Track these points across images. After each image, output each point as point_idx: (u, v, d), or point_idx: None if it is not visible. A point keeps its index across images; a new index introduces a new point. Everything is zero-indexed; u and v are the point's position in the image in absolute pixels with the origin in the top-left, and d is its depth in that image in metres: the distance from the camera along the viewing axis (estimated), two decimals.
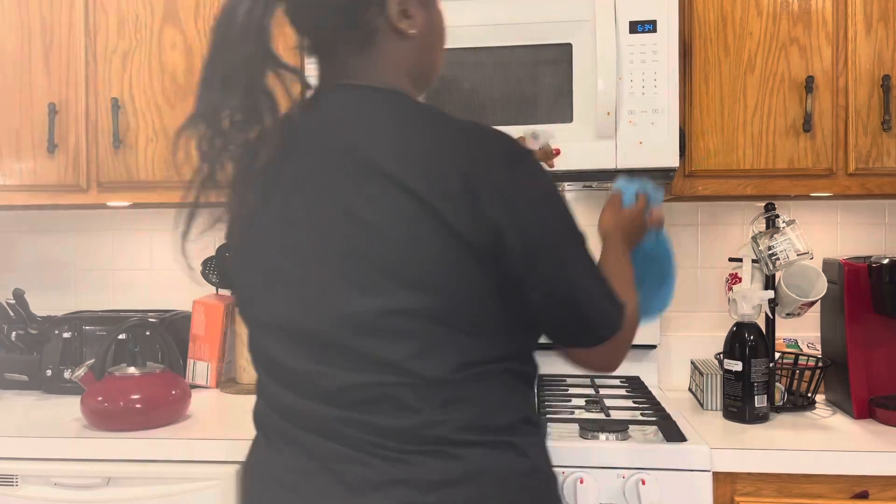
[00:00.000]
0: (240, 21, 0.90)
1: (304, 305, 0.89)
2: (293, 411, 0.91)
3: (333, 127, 0.91)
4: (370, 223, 0.85)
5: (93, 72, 1.83)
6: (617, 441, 1.42)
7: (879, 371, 1.63)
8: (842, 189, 1.65)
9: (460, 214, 0.84)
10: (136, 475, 1.48)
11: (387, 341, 0.86)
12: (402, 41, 0.96)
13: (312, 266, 0.89)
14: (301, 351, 0.90)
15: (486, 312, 0.88)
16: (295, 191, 0.92)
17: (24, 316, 1.96)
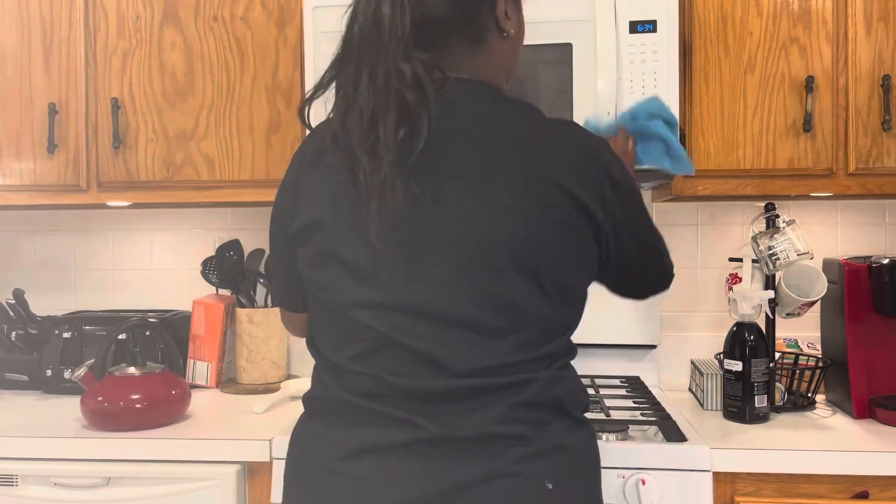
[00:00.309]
0: (387, 26, 0.92)
1: (453, 292, 0.93)
2: (406, 391, 0.94)
3: (465, 120, 0.97)
4: (513, 210, 0.93)
5: (93, 72, 1.83)
6: (617, 441, 1.42)
7: (880, 371, 1.63)
8: (842, 189, 1.65)
9: (595, 205, 0.97)
10: (136, 475, 1.48)
11: (535, 328, 0.96)
12: (503, 40, 1.05)
13: (451, 251, 0.93)
14: (434, 332, 0.94)
15: (582, 300, 1.04)
16: (430, 177, 0.94)
17: (24, 316, 1.96)
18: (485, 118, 0.98)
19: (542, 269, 0.94)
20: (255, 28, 1.79)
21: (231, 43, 1.79)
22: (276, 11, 1.78)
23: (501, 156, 0.95)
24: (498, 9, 1.02)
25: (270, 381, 1.96)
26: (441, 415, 0.93)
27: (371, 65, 0.92)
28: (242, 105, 1.79)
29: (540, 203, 0.93)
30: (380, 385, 0.95)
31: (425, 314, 0.93)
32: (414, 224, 0.93)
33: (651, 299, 1.86)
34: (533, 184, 0.94)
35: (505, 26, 1.03)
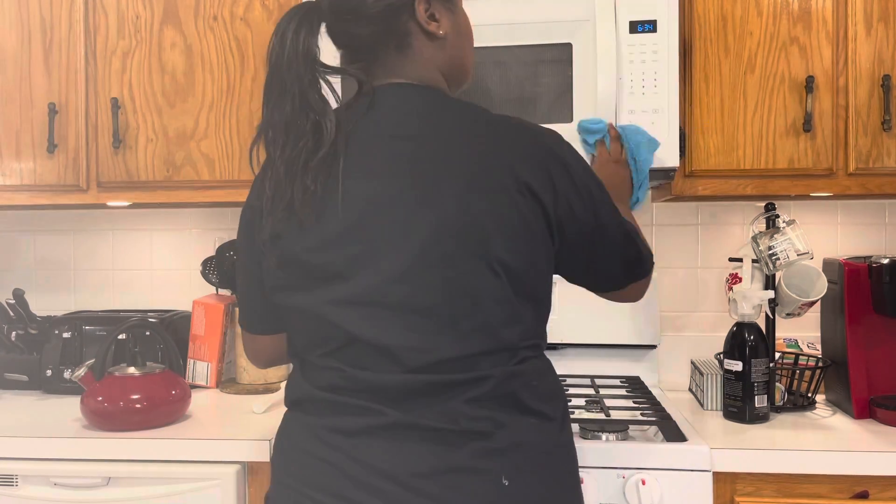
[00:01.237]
0: (288, 45, 1.00)
1: (409, 281, 0.97)
2: (368, 385, 0.98)
3: (399, 119, 1.02)
4: (456, 196, 0.96)
5: (93, 72, 1.83)
6: (617, 441, 1.42)
7: (879, 371, 1.63)
8: (842, 189, 1.65)
9: (543, 188, 1.00)
10: (136, 475, 1.48)
11: (489, 312, 0.98)
12: (432, 42, 1.08)
13: (409, 243, 0.96)
14: (395, 323, 0.97)
15: (546, 288, 1.06)
16: (376, 176, 0.99)
17: (24, 316, 1.96)
18: (418, 117, 1.02)
19: (490, 252, 0.97)
20: (255, 28, 1.79)
21: (231, 43, 1.79)
22: (277, 11, 1.78)
23: (440, 148, 0.99)
24: (418, 15, 1.05)
25: (270, 381, 1.96)
26: (402, 405, 0.97)
27: (279, 98, 1.00)
28: (242, 105, 1.79)
29: (484, 187, 0.97)
30: (345, 379, 1.00)
31: (387, 305, 0.97)
32: (365, 224, 0.98)
33: (649, 297, 1.89)
34: (475, 170, 0.97)
35: (430, 29, 1.06)
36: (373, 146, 1.00)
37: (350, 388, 0.99)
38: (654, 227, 2.01)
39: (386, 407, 0.97)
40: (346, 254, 0.98)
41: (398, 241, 0.97)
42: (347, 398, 0.99)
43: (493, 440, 0.97)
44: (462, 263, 0.96)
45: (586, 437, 1.44)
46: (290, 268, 1.02)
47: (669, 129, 1.55)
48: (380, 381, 0.98)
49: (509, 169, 0.98)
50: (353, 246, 0.98)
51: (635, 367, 1.94)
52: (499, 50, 1.59)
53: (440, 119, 1.02)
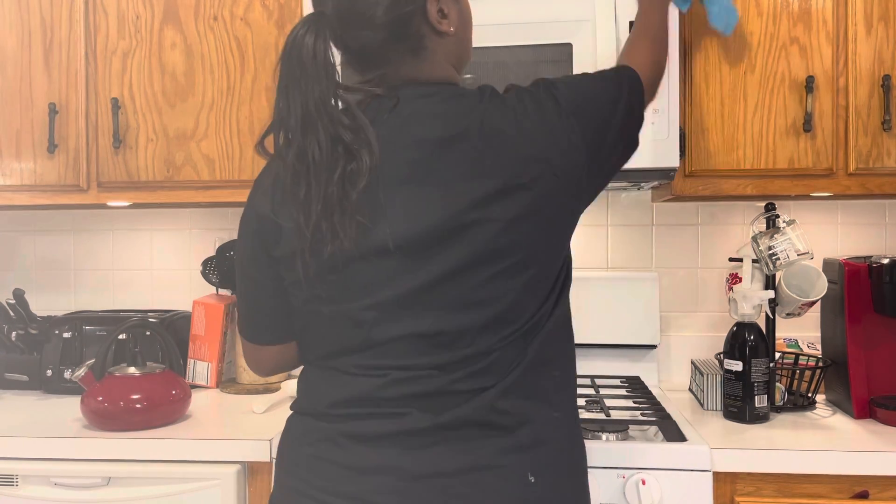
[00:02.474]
0: (308, 61, 0.95)
1: (450, 282, 0.96)
2: (402, 388, 0.97)
3: (424, 123, 0.99)
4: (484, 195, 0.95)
5: (93, 72, 1.83)
6: (617, 441, 1.42)
7: (880, 371, 1.63)
8: (842, 189, 1.65)
9: (572, 176, 1.00)
10: (136, 475, 1.48)
11: (524, 306, 0.99)
12: (444, 39, 1.05)
13: (446, 245, 0.96)
14: (437, 324, 0.97)
15: (568, 268, 1.08)
16: (408, 182, 0.96)
17: (24, 316, 1.96)
18: (442, 118, 0.99)
19: (526, 247, 0.97)
20: (256, 28, 1.79)
21: (231, 43, 1.79)
22: (277, 11, 1.78)
23: (469, 149, 0.96)
24: (429, 14, 1.02)
25: (270, 381, 1.96)
26: (431, 405, 0.96)
27: (302, 101, 0.95)
28: (243, 105, 1.79)
29: (518, 184, 0.96)
30: (371, 384, 0.98)
31: (426, 306, 0.97)
32: (403, 231, 0.96)
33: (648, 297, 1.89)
34: (508, 168, 0.96)
35: (442, 28, 1.04)
36: (401, 152, 0.98)
37: (375, 394, 0.98)
38: (654, 227, 2.02)
39: (415, 409, 0.96)
40: (387, 261, 0.97)
41: (435, 245, 0.96)
42: (374, 406, 0.98)
43: (517, 436, 0.97)
44: (500, 261, 0.96)
45: (586, 437, 1.44)
46: (327, 280, 0.99)
47: (669, 129, 1.56)
48: (409, 383, 0.97)
49: (541, 155, 0.98)
50: (393, 253, 0.96)
51: (635, 367, 1.94)
52: (499, 50, 1.59)
53: (464, 119, 0.99)
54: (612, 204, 2.03)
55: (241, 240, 1.08)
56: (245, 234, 1.07)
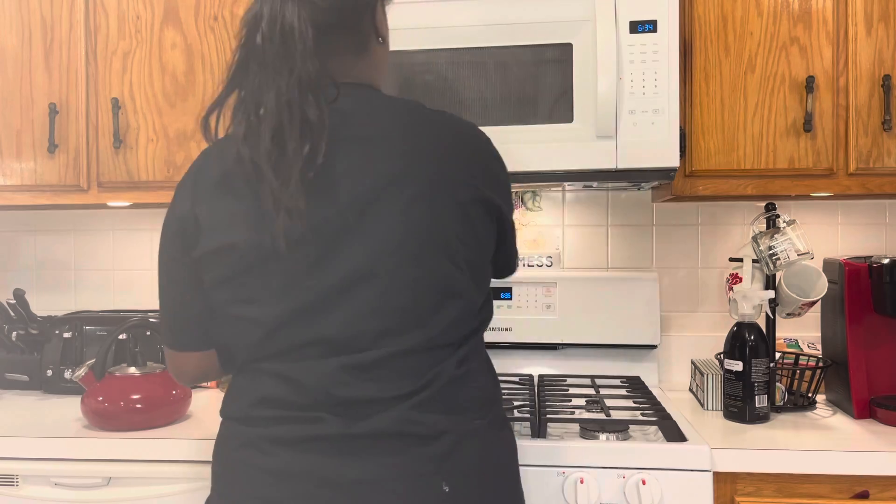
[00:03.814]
0: (296, 37, 0.94)
1: (374, 282, 0.96)
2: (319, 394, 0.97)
3: (361, 121, 0.99)
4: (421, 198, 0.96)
5: (93, 72, 1.83)
6: (617, 441, 1.42)
7: (880, 371, 1.63)
8: (842, 189, 1.65)
9: (494, 193, 1.02)
10: (136, 475, 1.48)
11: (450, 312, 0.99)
12: (380, 46, 1.08)
13: (374, 245, 0.95)
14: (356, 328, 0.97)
15: (488, 283, 1.09)
16: (341, 179, 0.96)
17: (24, 316, 1.96)
18: (377, 119, 1.00)
19: (453, 251, 0.98)
20: None
21: (231, 43, 1.79)
22: None
23: (400, 151, 0.97)
24: (377, 16, 1.05)
25: None
26: (347, 412, 0.96)
27: (278, 78, 0.93)
28: None
29: (446, 189, 0.97)
30: (290, 387, 0.98)
31: (346, 308, 0.96)
32: (328, 227, 0.95)
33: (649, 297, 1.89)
34: (437, 173, 0.97)
35: (382, 32, 1.06)
36: (338, 149, 0.97)
37: (294, 398, 0.97)
38: (655, 227, 2.02)
39: (330, 415, 0.96)
40: (309, 259, 0.96)
41: (364, 244, 0.95)
42: (290, 410, 0.98)
43: (435, 445, 0.96)
44: (427, 263, 0.96)
45: (586, 437, 1.44)
46: (246, 277, 0.98)
47: (669, 129, 1.56)
48: (326, 388, 0.96)
49: (469, 171, 1.00)
50: (316, 250, 0.96)
51: (635, 367, 1.94)
52: (499, 50, 1.59)
53: (396, 121, 1.00)
54: (612, 204, 2.03)
55: (161, 245, 1.07)
56: (165, 237, 1.06)
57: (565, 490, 1.37)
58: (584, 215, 2.03)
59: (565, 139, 1.57)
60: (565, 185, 1.89)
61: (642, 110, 1.56)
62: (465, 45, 1.59)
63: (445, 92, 1.60)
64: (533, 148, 1.58)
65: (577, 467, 1.38)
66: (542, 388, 1.79)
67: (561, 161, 1.57)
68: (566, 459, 1.39)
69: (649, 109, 1.56)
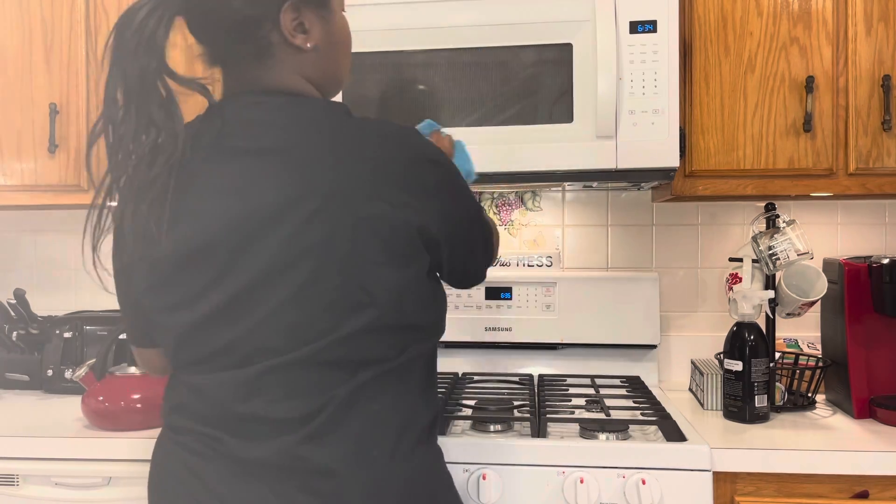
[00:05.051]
0: (134, 32, 0.93)
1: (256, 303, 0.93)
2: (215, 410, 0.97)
3: (251, 132, 0.95)
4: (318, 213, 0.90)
5: (93, 72, 1.83)
6: (617, 441, 1.42)
7: (880, 371, 1.63)
8: (842, 189, 1.65)
9: (418, 205, 0.93)
10: (137, 475, 1.48)
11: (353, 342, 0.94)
12: (299, 53, 1.00)
13: (260, 263, 0.92)
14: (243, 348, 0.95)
15: (426, 308, 1.03)
16: (225, 194, 0.93)
17: (24, 316, 1.97)
18: (272, 129, 0.94)
19: (355, 278, 0.90)
20: None
21: None
22: None
23: (298, 163, 0.91)
24: (282, 25, 0.97)
25: None
26: (240, 434, 0.95)
27: (124, 75, 0.93)
28: None
29: (347, 205, 0.89)
30: (195, 398, 0.99)
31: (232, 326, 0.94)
32: (214, 245, 0.93)
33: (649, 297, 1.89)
34: (336, 186, 0.90)
35: (295, 42, 0.98)
36: (221, 162, 0.94)
37: (196, 410, 0.98)
38: (655, 227, 2.02)
39: (225, 435, 0.95)
40: (194, 278, 0.94)
41: (250, 263, 0.91)
42: (194, 422, 0.98)
43: (322, 482, 0.92)
44: (322, 287, 0.90)
45: (586, 437, 1.44)
46: (155, 286, 0.99)
47: (669, 129, 1.56)
48: (222, 402, 0.95)
49: (374, 182, 0.91)
50: (201, 269, 0.94)
51: (635, 367, 1.95)
52: (499, 50, 1.59)
53: (299, 131, 0.94)
54: (612, 204, 2.03)
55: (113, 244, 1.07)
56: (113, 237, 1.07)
57: (565, 490, 1.37)
58: (584, 215, 2.03)
59: (565, 139, 1.57)
60: (565, 185, 1.89)
61: (642, 110, 1.56)
62: (464, 45, 1.59)
63: (445, 91, 1.60)
64: (533, 148, 1.58)
65: (576, 467, 1.38)
66: (542, 388, 1.79)
67: (561, 161, 1.57)
68: (566, 459, 1.39)
69: (649, 109, 1.56)
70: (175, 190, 0.93)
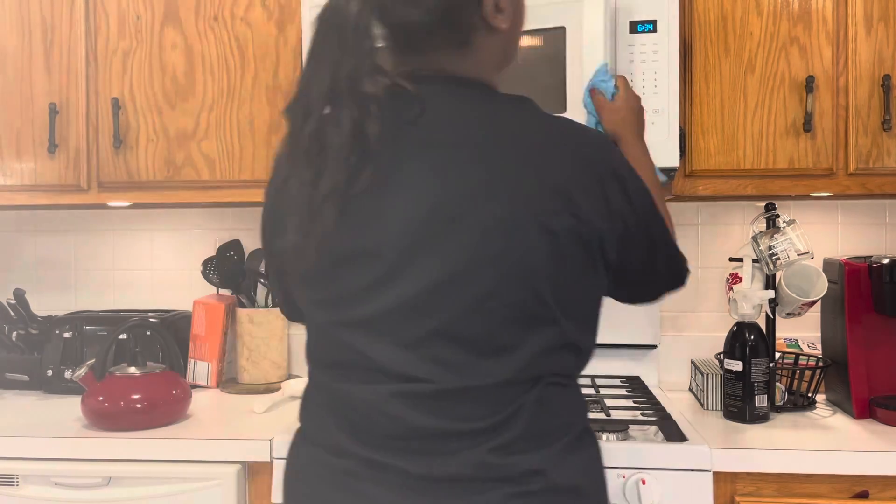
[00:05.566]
0: (347, 29, 0.88)
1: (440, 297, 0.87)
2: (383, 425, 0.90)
3: (448, 127, 0.91)
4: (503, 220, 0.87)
5: (93, 72, 1.83)
6: (617, 441, 1.42)
7: (880, 371, 1.63)
8: (842, 189, 1.65)
9: (597, 209, 0.90)
10: (137, 475, 1.48)
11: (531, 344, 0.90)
12: (493, 36, 0.96)
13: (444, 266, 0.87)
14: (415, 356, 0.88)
15: (594, 313, 1.00)
16: (414, 189, 0.88)
17: (24, 316, 1.97)
18: (468, 124, 0.91)
19: (534, 283, 0.87)
20: (256, 28, 1.79)
21: (231, 43, 1.79)
22: (277, 12, 1.78)
23: (489, 161, 0.88)
24: (484, 6, 0.93)
25: (271, 381, 1.96)
26: (415, 452, 0.89)
27: (331, 74, 0.88)
28: (243, 105, 1.79)
29: (533, 210, 0.86)
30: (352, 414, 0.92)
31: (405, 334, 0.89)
32: (398, 242, 0.88)
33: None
34: (526, 190, 0.87)
35: (495, 23, 0.95)
36: (416, 155, 0.89)
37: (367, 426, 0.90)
38: None
39: (397, 459, 0.88)
40: (370, 275, 0.89)
41: (434, 264, 0.87)
42: (365, 438, 0.90)
43: (526, 484, 0.88)
44: (503, 292, 0.87)
45: None
46: (317, 283, 0.92)
47: (669, 129, 1.55)
48: (389, 418, 0.89)
49: (562, 190, 0.87)
50: (378, 266, 0.88)
51: (635, 367, 1.94)
52: None
53: (493, 127, 0.91)
54: None
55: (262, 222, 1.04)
56: (262, 221, 1.03)
57: None
58: None
59: None
60: None
61: None
62: None
63: None
64: None
65: None
66: None
67: None
68: None
69: (649, 109, 1.55)
70: (356, 179, 0.88)
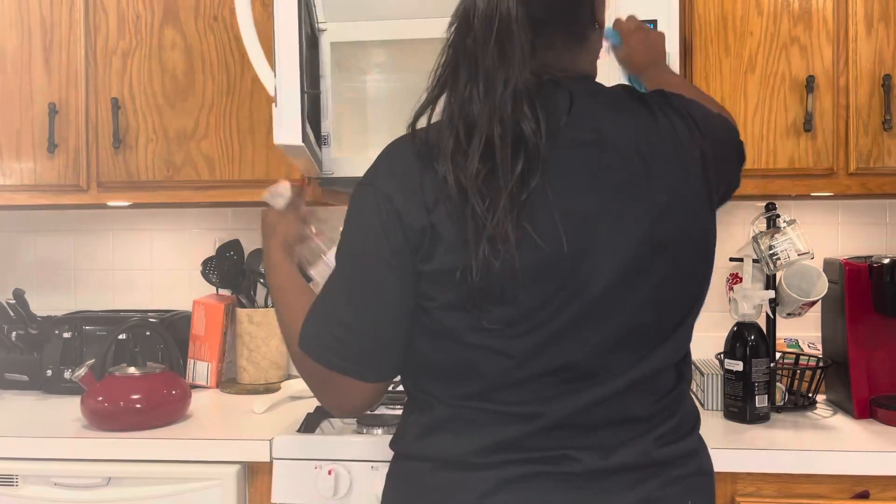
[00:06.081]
0: (514, 38, 0.84)
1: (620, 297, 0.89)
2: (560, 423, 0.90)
3: (589, 123, 0.89)
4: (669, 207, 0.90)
5: (93, 72, 1.83)
6: None
7: (880, 371, 1.63)
8: (842, 189, 1.65)
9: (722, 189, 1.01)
10: (136, 475, 1.48)
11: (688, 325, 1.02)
12: (596, 32, 0.97)
13: (613, 263, 0.87)
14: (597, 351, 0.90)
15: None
16: (572, 191, 0.86)
17: (24, 316, 1.96)
18: (604, 120, 0.90)
19: (689, 267, 0.94)
20: (256, 28, 1.78)
21: (231, 43, 1.79)
22: None
23: (636, 157, 0.88)
24: (596, 3, 0.94)
25: (271, 381, 1.96)
26: (593, 443, 0.90)
27: (491, 90, 0.83)
28: (243, 105, 1.79)
29: (684, 198, 0.91)
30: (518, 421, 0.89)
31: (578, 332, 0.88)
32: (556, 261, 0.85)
33: None
34: (675, 180, 0.90)
35: (601, 18, 0.96)
36: (572, 155, 0.87)
37: (526, 440, 0.88)
38: None
39: (571, 451, 0.88)
40: (550, 283, 0.85)
41: (599, 268, 0.86)
42: (522, 452, 0.88)
43: (682, 467, 0.94)
44: (667, 281, 0.91)
45: None
46: (484, 303, 0.85)
47: None
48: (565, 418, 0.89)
49: (705, 176, 0.93)
50: (559, 273, 0.85)
51: None
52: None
53: (627, 120, 0.90)
54: None
55: (358, 239, 0.90)
56: (366, 233, 0.88)
57: None
58: None
59: None
60: None
61: None
62: None
63: None
64: None
65: None
66: None
67: None
68: None
69: None
70: (525, 187, 0.83)
